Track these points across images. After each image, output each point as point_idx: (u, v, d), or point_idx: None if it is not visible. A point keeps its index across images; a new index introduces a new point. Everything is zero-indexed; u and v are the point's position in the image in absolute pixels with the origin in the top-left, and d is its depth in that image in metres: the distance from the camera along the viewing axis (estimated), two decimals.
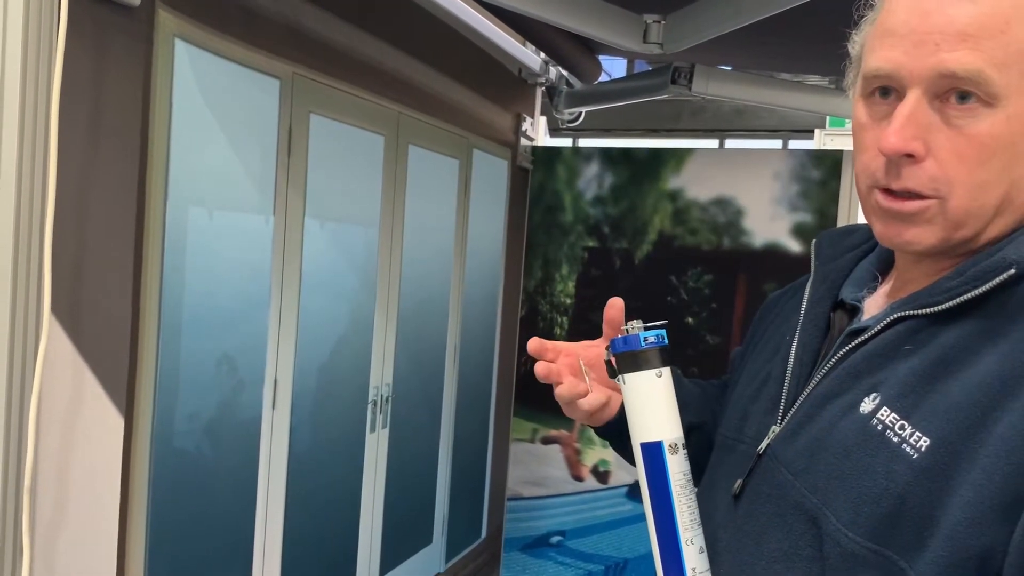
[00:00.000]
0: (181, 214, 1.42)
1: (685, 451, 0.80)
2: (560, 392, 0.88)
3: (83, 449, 1.30)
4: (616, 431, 0.91)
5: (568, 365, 0.90)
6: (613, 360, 0.82)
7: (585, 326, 2.75)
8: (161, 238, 1.38)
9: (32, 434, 1.19)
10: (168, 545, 1.45)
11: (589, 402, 0.88)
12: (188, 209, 1.43)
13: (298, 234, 1.74)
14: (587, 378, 0.89)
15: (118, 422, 1.31)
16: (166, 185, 1.37)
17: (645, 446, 0.79)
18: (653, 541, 0.78)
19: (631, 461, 0.87)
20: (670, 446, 0.79)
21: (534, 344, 0.90)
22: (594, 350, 0.92)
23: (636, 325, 0.81)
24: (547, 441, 2.81)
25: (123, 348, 1.31)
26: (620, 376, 0.81)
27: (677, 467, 0.78)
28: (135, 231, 1.32)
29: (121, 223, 1.31)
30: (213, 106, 1.48)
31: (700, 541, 0.78)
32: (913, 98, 0.70)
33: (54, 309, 1.21)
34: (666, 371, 0.81)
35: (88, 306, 1.28)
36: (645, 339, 0.79)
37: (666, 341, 0.81)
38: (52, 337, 1.22)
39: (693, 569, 0.77)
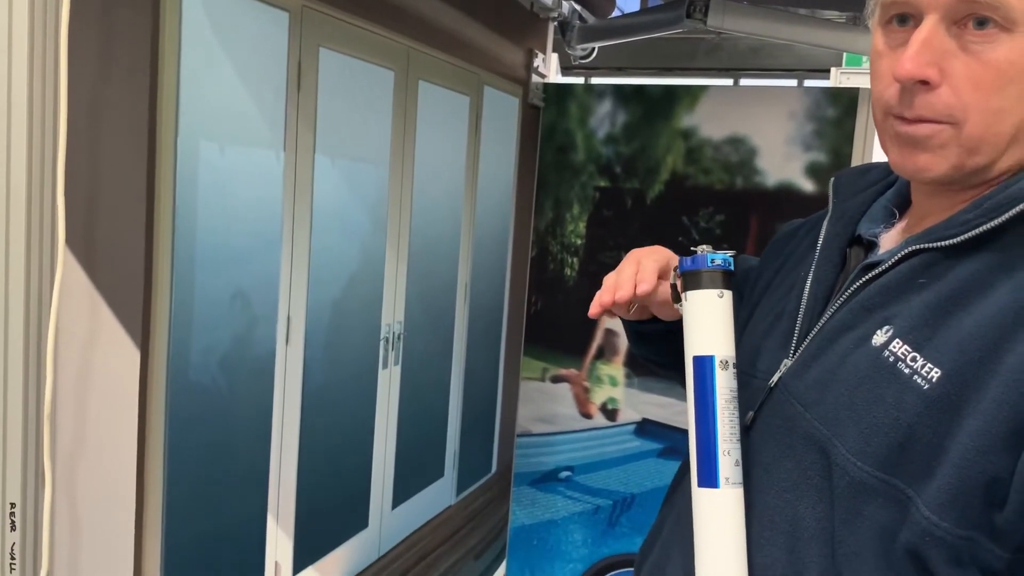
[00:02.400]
0: (192, 148, 1.41)
1: (735, 371, 0.83)
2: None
3: (100, 380, 1.32)
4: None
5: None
6: (679, 281, 0.86)
7: (595, 267, 2.75)
8: (173, 171, 1.37)
9: (50, 365, 1.21)
10: (185, 474, 1.48)
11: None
12: (199, 143, 1.43)
13: (308, 170, 1.73)
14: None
15: (134, 354, 1.33)
16: (176, 118, 1.37)
17: (697, 359, 0.82)
18: (692, 451, 0.81)
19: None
20: (721, 362, 0.82)
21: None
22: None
23: (705, 248, 0.85)
24: (556, 380, 2.84)
25: (137, 281, 1.32)
26: (684, 294, 0.85)
27: (724, 383, 0.81)
28: (147, 164, 1.32)
29: (133, 156, 1.31)
30: (222, 39, 1.46)
31: (737, 455, 0.81)
32: (930, 24, 0.69)
33: (69, 242, 1.22)
34: (728, 294, 0.83)
35: (102, 239, 1.29)
36: (712, 260, 0.84)
37: (732, 266, 0.85)
38: (67, 269, 1.23)
39: (727, 478, 0.80)
